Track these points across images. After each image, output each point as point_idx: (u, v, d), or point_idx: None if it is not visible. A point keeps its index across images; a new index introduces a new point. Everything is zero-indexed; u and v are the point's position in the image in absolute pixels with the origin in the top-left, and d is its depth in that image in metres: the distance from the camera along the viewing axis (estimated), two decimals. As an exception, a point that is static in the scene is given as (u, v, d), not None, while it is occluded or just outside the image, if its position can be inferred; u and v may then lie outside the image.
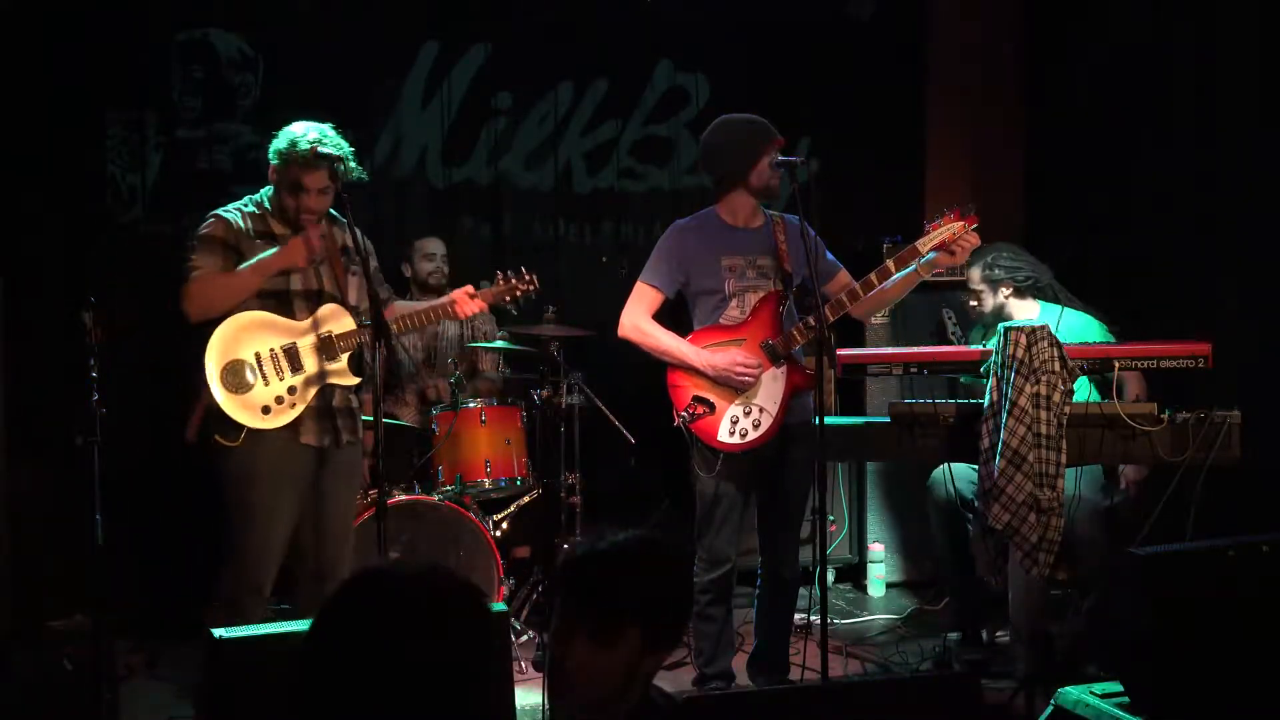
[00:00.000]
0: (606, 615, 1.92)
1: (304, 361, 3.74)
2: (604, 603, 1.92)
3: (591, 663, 1.91)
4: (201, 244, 3.74)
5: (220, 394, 3.63)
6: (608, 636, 1.91)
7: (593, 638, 1.91)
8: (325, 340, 3.76)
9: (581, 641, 1.91)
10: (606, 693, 1.93)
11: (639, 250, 5.19)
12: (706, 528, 3.95)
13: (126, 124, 5.26)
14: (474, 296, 3.93)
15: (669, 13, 5.83)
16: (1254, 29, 4.81)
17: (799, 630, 4.55)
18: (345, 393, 3.84)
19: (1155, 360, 3.82)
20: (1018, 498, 3.65)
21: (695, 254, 3.96)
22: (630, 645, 1.92)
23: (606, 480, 5.23)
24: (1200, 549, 3.19)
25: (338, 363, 3.78)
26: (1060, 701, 3.28)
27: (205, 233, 3.75)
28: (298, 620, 3.30)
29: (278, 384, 3.70)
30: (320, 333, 3.76)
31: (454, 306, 3.91)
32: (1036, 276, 4.53)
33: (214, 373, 3.64)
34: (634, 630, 1.92)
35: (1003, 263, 4.50)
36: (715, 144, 4.00)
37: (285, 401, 3.70)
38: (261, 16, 5.39)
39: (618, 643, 1.91)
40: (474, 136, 5.74)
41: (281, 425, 3.69)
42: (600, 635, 1.91)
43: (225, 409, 3.63)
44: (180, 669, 4.48)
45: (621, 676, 1.93)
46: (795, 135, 5.74)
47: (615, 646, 1.91)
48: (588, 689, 1.93)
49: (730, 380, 3.85)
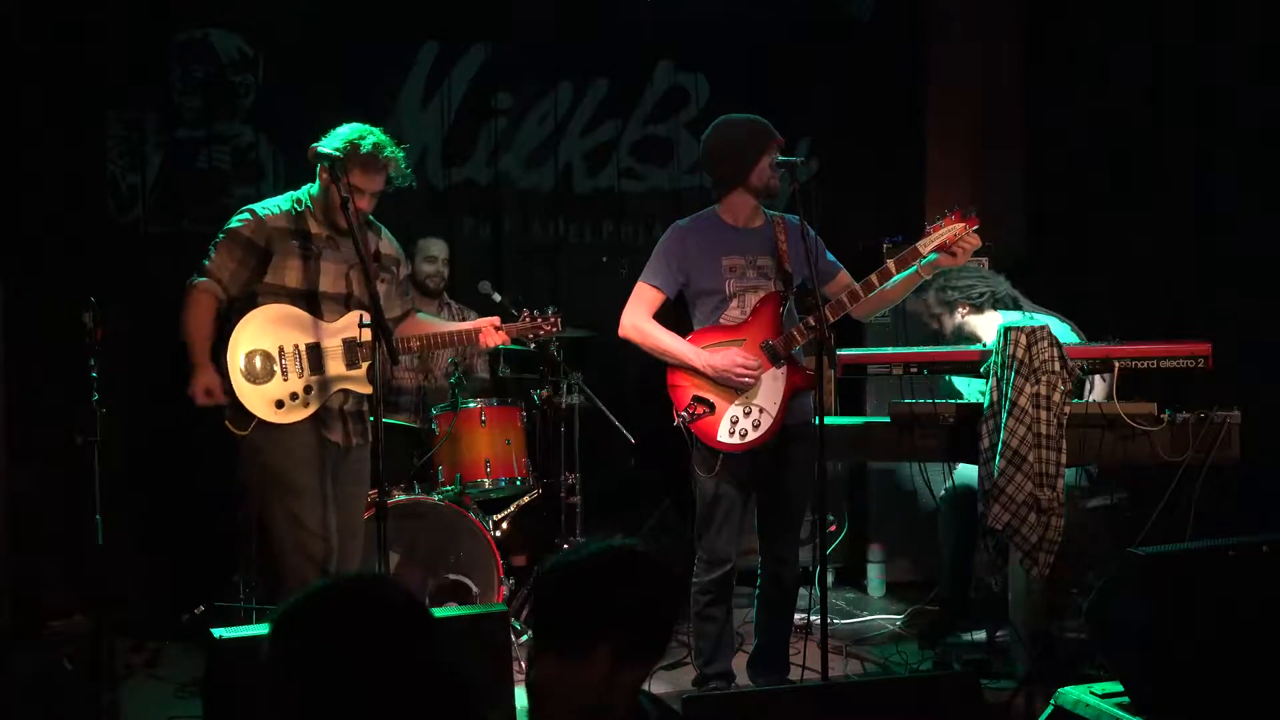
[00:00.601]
0: (572, 631, 1.86)
1: (326, 363, 3.74)
2: (570, 618, 1.86)
3: (560, 678, 1.86)
4: (224, 240, 3.75)
5: (238, 382, 3.64)
6: (575, 653, 1.85)
7: (561, 655, 1.86)
8: (350, 345, 3.77)
9: (549, 659, 1.87)
10: (583, 709, 1.87)
11: (639, 250, 5.19)
12: (706, 528, 3.95)
13: (126, 124, 5.26)
14: (499, 329, 3.95)
15: (669, 13, 5.83)
16: (1253, 27, 4.81)
17: (799, 630, 4.55)
18: (359, 397, 3.85)
19: (1155, 360, 3.82)
20: (1018, 498, 3.65)
21: (696, 254, 3.96)
22: (601, 660, 1.85)
23: (606, 480, 5.23)
24: (1200, 549, 3.19)
25: (357, 369, 3.78)
26: (1060, 701, 3.28)
27: (233, 229, 3.75)
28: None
29: (295, 381, 3.70)
30: (346, 337, 3.76)
31: (479, 335, 3.94)
32: (992, 289, 4.51)
33: (236, 360, 3.65)
34: (604, 645, 1.85)
35: (954, 283, 4.50)
36: (716, 144, 3.99)
37: (299, 399, 3.70)
38: (261, 16, 5.39)
39: (587, 658, 1.85)
40: (474, 136, 5.75)
41: (292, 422, 3.69)
42: (568, 652, 1.85)
43: (240, 397, 3.64)
44: (180, 669, 4.49)
45: (595, 693, 1.85)
46: (795, 135, 5.74)
47: (585, 662, 1.85)
48: (561, 705, 1.86)
49: (730, 380, 3.85)
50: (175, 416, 5.17)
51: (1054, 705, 3.30)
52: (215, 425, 3.77)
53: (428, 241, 5.30)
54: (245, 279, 3.74)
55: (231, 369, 3.64)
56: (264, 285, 3.74)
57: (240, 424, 3.69)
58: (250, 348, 3.67)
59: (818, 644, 3.66)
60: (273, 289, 3.74)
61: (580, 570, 1.89)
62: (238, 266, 3.72)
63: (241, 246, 3.72)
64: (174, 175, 5.31)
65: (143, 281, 5.18)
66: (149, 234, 5.29)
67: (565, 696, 1.85)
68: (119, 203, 5.28)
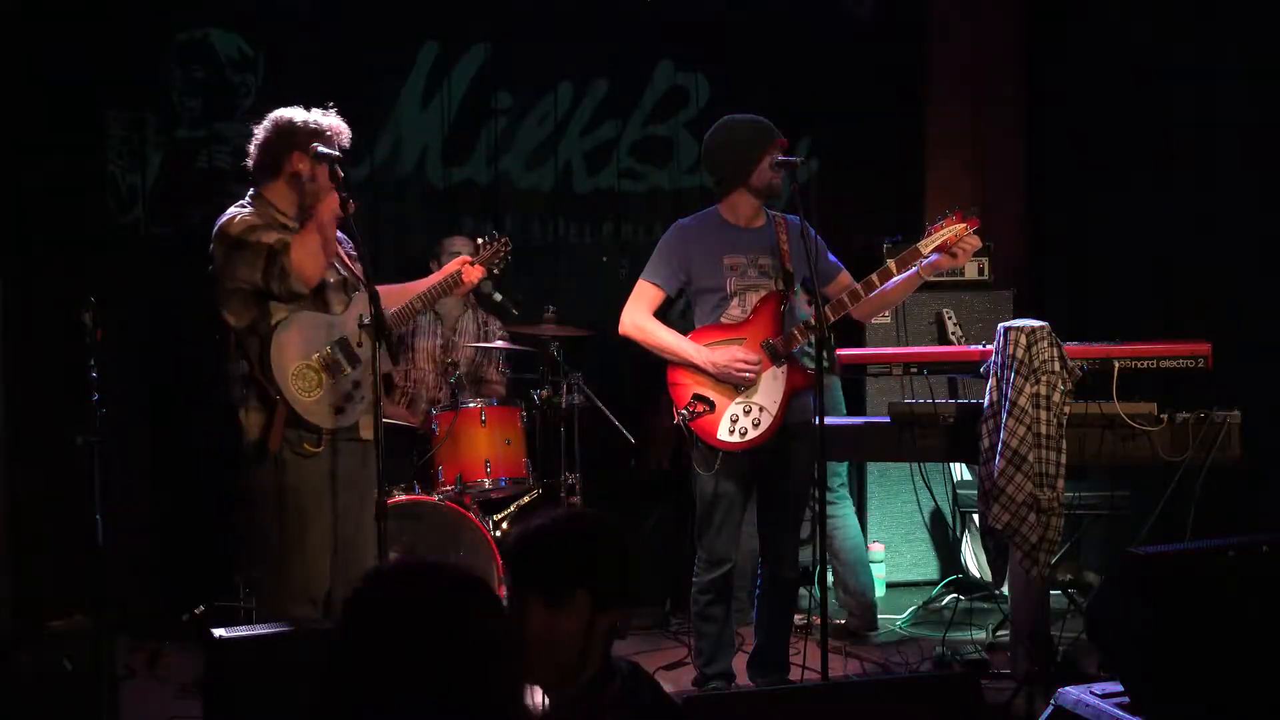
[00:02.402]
0: (556, 579, 2.11)
1: (358, 352, 3.67)
2: (553, 569, 2.12)
3: (550, 627, 2.09)
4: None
5: (296, 400, 3.55)
6: (559, 599, 2.10)
7: (547, 603, 2.10)
8: (367, 327, 3.61)
9: (537, 609, 2.10)
10: (566, 659, 2.11)
11: (639, 250, 5.19)
12: (706, 527, 3.95)
13: (126, 124, 5.27)
14: (473, 264, 3.95)
15: (669, 13, 5.83)
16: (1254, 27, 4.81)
17: (799, 630, 4.55)
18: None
19: (1155, 360, 3.82)
20: (1018, 498, 3.65)
21: (697, 252, 3.97)
22: (581, 606, 2.11)
23: (606, 480, 5.23)
24: (1200, 549, 3.19)
25: (383, 348, 3.71)
26: (1060, 701, 3.28)
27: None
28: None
29: (344, 379, 3.66)
30: (364, 321, 3.61)
31: (461, 276, 3.91)
32: None
33: (287, 384, 3.55)
34: (582, 591, 2.11)
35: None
36: (717, 144, 4.00)
37: (354, 397, 3.66)
38: (261, 16, 5.40)
39: (570, 604, 2.10)
40: (474, 136, 5.74)
41: (353, 422, 3.65)
42: (553, 599, 2.10)
43: (306, 416, 3.55)
44: (180, 669, 4.49)
45: (579, 638, 2.10)
46: (795, 135, 5.73)
47: (568, 609, 2.10)
48: (547, 658, 2.10)
49: (731, 376, 3.85)
50: (175, 416, 5.22)
51: (1054, 705, 3.30)
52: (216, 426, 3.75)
53: (451, 239, 5.28)
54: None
55: (286, 394, 3.54)
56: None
57: (314, 441, 3.59)
58: (292, 366, 3.57)
59: (818, 644, 3.66)
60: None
61: (560, 530, 2.17)
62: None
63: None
64: (174, 175, 5.31)
65: (143, 281, 5.18)
66: (149, 234, 5.30)
67: (551, 647, 2.09)
68: (119, 203, 5.28)
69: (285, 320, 3.60)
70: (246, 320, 3.61)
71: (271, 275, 3.55)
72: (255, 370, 3.58)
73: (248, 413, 3.61)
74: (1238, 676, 3.00)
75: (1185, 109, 5.15)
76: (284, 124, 3.68)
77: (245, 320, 3.61)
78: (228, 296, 3.61)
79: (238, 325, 3.61)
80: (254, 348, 3.59)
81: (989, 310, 5.61)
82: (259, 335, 3.59)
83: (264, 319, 3.60)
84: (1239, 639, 3.02)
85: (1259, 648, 3.02)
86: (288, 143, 3.65)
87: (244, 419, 3.61)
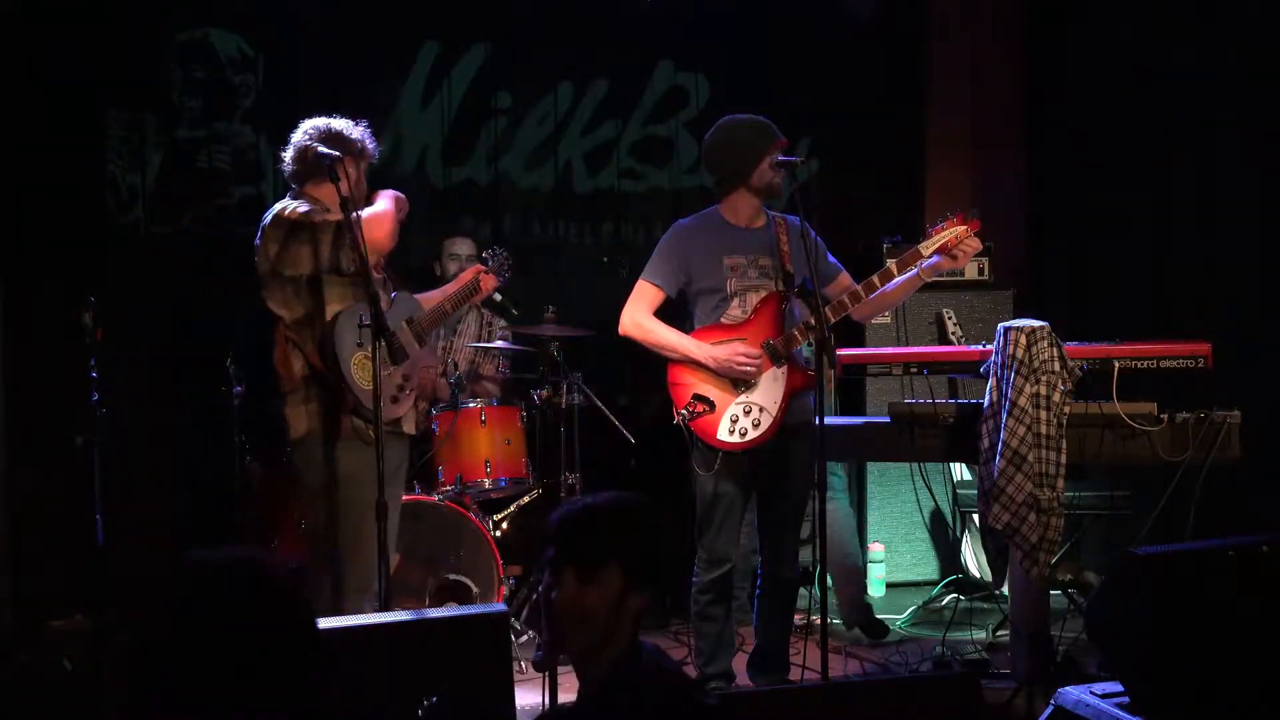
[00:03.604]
0: (590, 552, 2.16)
1: (407, 350, 3.67)
2: (588, 541, 2.17)
3: (580, 598, 2.14)
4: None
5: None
6: (592, 572, 2.14)
7: (580, 574, 2.15)
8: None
9: (570, 579, 2.15)
10: (595, 632, 2.15)
11: (639, 250, 5.19)
12: (706, 527, 3.95)
13: (126, 124, 5.27)
14: (485, 273, 4.10)
15: (669, 13, 5.83)
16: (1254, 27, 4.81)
17: (799, 630, 4.54)
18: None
19: (1155, 360, 3.82)
20: (1018, 498, 3.65)
21: (697, 253, 3.96)
22: (613, 581, 2.15)
23: (606, 480, 5.22)
24: (1200, 549, 3.19)
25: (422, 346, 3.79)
26: (1060, 701, 3.27)
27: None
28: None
29: (396, 371, 3.70)
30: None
31: (480, 284, 4.05)
32: None
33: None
34: (615, 567, 2.15)
35: None
36: (718, 144, 4.00)
37: (404, 389, 3.71)
38: (261, 16, 5.40)
39: (602, 578, 2.15)
40: (474, 136, 5.75)
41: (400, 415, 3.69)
42: (586, 571, 2.15)
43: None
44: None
45: (608, 612, 2.15)
46: (795, 135, 5.74)
47: (600, 583, 2.15)
48: (578, 629, 2.15)
49: (732, 370, 3.85)
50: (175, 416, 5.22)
51: (1054, 705, 3.30)
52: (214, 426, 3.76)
53: (452, 240, 5.29)
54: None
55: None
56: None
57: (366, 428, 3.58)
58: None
59: (818, 644, 3.66)
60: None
61: (599, 506, 2.23)
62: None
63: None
64: (174, 175, 5.32)
65: (143, 281, 5.19)
66: (149, 234, 5.30)
67: (581, 620, 2.14)
68: (119, 203, 5.28)
69: (346, 311, 3.61)
70: (299, 312, 3.61)
71: (342, 245, 3.57)
72: (315, 360, 3.59)
73: (304, 404, 3.61)
74: (1238, 677, 3.00)
75: (1185, 109, 5.15)
76: (333, 133, 3.73)
77: (298, 312, 3.61)
78: (280, 286, 3.61)
79: (290, 318, 3.61)
80: (311, 339, 3.60)
81: (989, 310, 5.61)
82: (316, 326, 3.60)
83: (319, 310, 3.61)
84: (1239, 639, 3.01)
85: (1259, 648, 3.02)
86: (341, 149, 3.66)
87: (295, 412, 3.61)
